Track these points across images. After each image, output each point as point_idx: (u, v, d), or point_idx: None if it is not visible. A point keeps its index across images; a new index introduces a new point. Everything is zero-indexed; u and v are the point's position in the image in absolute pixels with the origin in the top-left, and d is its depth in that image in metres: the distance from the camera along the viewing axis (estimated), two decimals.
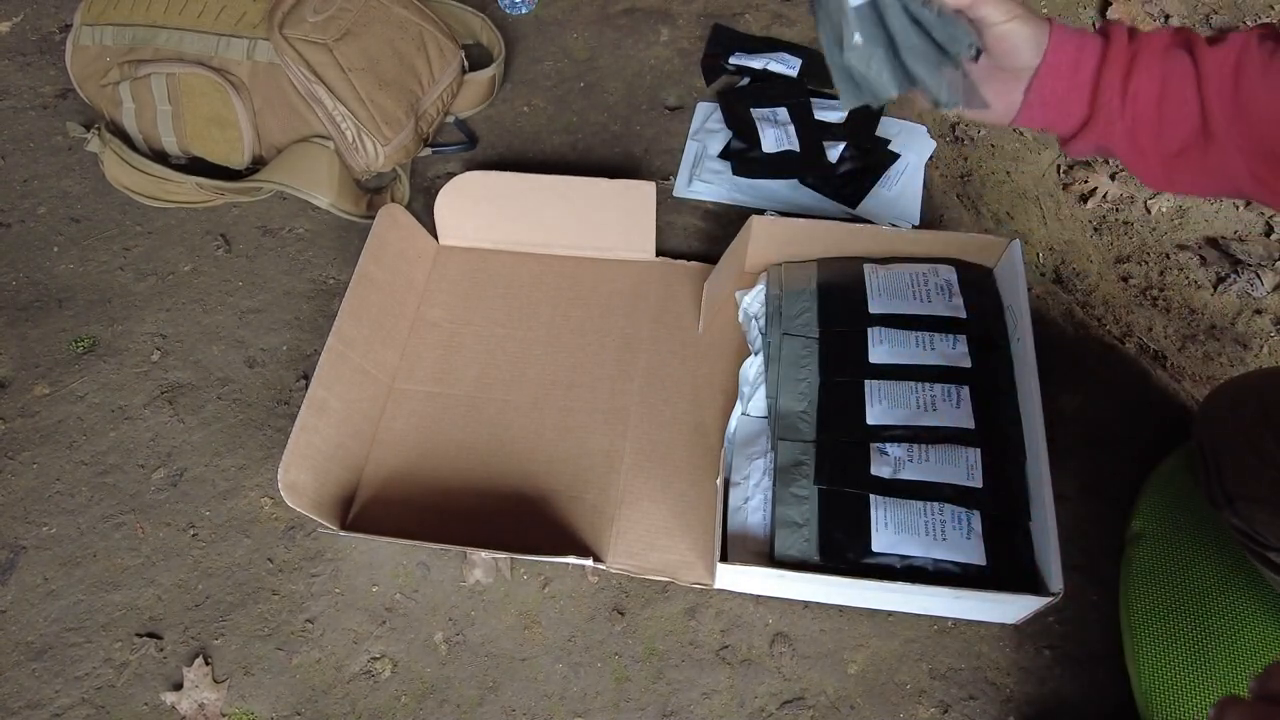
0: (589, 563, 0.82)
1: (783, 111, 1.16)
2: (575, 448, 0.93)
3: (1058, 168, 1.16)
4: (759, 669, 0.82)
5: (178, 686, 0.82)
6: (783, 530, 0.82)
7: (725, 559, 0.82)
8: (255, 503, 0.93)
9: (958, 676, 0.81)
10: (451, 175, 1.04)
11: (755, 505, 0.85)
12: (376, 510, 0.90)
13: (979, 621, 0.83)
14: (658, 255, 1.05)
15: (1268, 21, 1.25)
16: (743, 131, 1.15)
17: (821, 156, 1.12)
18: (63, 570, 0.89)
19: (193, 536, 0.91)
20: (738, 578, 0.82)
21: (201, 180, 1.10)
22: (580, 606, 0.86)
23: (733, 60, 1.24)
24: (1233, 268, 1.05)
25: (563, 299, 1.04)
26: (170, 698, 0.82)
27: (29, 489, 0.94)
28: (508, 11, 1.34)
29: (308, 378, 0.96)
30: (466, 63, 1.18)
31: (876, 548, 0.79)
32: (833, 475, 0.83)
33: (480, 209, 1.04)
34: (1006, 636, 0.83)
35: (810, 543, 0.80)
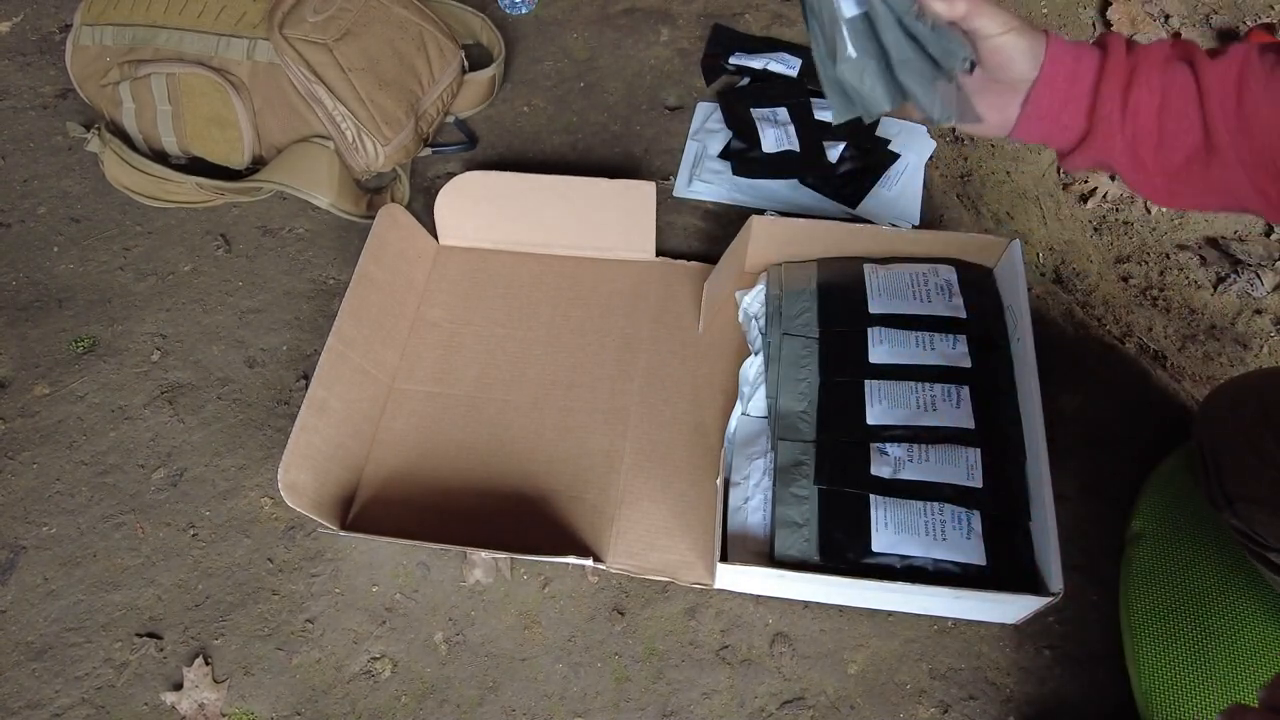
0: (589, 563, 0.82)
1: (783, 111, 1.16)
2: (575, 448, 0.93)
3: (1058, 168, 1.15)
4: (759, 669, 0.82)
5: (178, 686, 0.82)
6: (783, 530, 0.82)
7: (725, 559, 0.82)
8: (255, 503, 0.93)
9: (958, 676, 0.81)
10: (451, 175, 1.04)
11: (755, 505, 0.85)
12: (376, 510, 0.90)
13: (979, 621, 0.83)
14: (658, 255, 1.05)
15: (1268, 21, 1.25)
16: (743, 131, 1.14)
17: (821, 156, 1.12)
18: (63, 570, 0.89)
19: (193, 536, 0.91)
20: (738, 578, 0.82)
21: (201, 180, 1.10)
22: (580, 606, 0.86)
23: (733, 60, 1.24)
24: (1233, 268, 1.05)
25: (563, 299, 1.04)
26: (170, 698, 0.82)
27: (29, 489, 0.94)
28: (508, 11, 1.34)
29: (308, 378, 0.96)
30: (466, 63, 1.18)
31: (876, 548, 0.79)
32: (833, 475, 0.83)
33: (480, 209, 1.04)
34: (1006, 636, 0.83)
35: (810, 543, 0.80)
